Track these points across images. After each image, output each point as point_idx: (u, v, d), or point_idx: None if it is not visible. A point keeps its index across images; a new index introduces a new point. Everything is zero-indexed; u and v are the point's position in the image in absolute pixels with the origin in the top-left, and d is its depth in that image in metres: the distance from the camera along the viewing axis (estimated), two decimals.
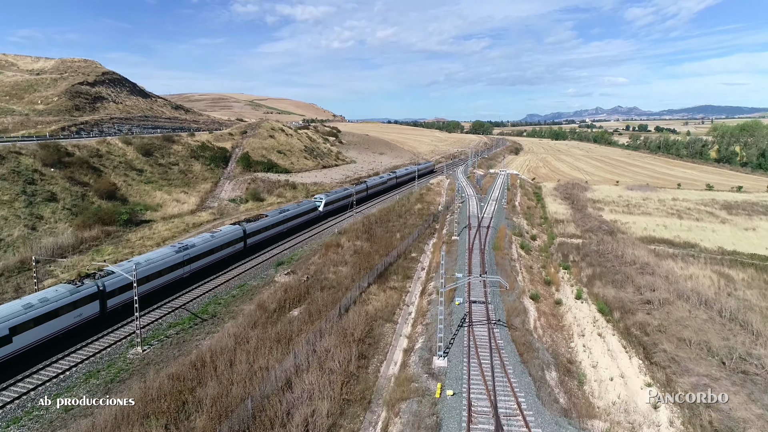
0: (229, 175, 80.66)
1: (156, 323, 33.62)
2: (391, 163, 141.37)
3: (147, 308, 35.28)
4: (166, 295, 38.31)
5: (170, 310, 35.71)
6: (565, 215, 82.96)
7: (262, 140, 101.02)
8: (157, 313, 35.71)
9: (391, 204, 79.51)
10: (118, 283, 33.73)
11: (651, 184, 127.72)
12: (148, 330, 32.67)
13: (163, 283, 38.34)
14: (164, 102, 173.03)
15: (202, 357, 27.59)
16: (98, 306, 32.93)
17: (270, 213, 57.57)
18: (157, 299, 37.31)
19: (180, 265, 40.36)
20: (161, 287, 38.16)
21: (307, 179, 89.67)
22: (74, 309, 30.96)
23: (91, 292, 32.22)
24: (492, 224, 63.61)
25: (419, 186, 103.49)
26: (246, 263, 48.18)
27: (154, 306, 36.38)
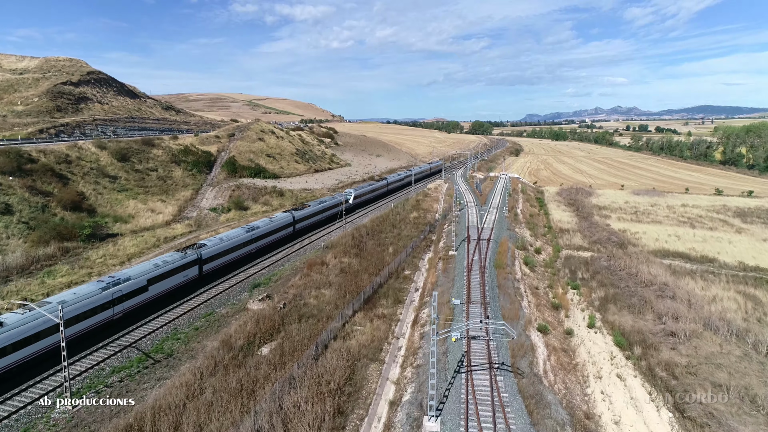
0: (213, 181, 75.61)
1: (98, 367, 28.53)
2: (386, 167, 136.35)
3: (231, 272, 45.98)
4: (240, 266, 48.12)
5: (118, 349, 30.60)
6: (571, 224, 78.04)
7: (251, 143, 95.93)
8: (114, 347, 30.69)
9: (385, 212, 74.55)
10: (210, 253, 44.15)
11: (657, 189, 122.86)
12: (86, 378, 27.60)
13: (238, 256, 48.25)
14: (154, 102, 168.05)
15: (141, 417, 22.59)
16: (197, 270, 42.81)
17: (311, 203, 66.85)
18: (233, 269, 47.18)
19: (250, 242, 50.22)
20: (237, 259, 48.06)
21: (296, 185, 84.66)
22: (183, 270, 40.79)
23: (193, 258, 41.95)
24: (493, 236, 58.66)
25: (416, 191, 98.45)
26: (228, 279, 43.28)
27: (233, 273, 46.02)
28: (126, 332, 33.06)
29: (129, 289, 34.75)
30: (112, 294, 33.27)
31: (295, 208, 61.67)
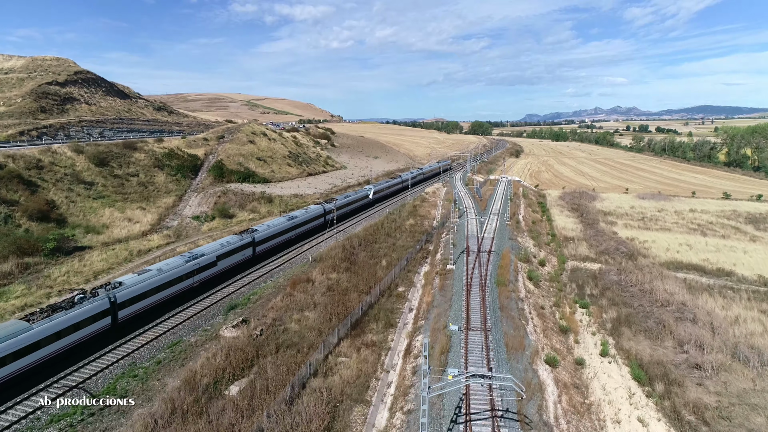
0: (198, 186, 71.61)
1: (35, 416, 24.46)
2: (383, 169, 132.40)
3: (276, 255, 52.92)
4: (281, 250, 54.55)
5: (65, 389, 26.59)
6: (575, 231, 74.14)
7: (240, 146, 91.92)
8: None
9: (380, 220, 70.58)
10: (261, 237, 50.28)
11: (663, 192, 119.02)
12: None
13: (281, 241, 54.93)
14: (145, 103, 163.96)
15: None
16: (251, 251, 49.01)
17: (338, 198, 74.33)
18: (277, 251, 53.71)
19: (290, 230, 56.68)
20: (280, 244, 54.61)
21: (287, 190, 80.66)
22: (242, 250, 47.03)
23: (248, 240, 48.22)
24: (494, 247, 54.71)
25: (413, 196, 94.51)
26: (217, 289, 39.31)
27: (279, 254, 53.21)
28: (74, 370, 29.00)
29: (205, 262, 41.82)
30: (192, 266, 40.35)
31: (326, 201, 71.06)
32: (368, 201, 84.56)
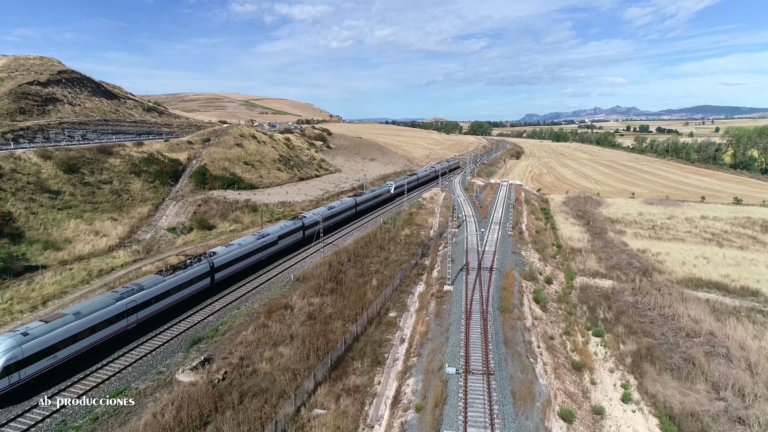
0: (177, 194, 66.63)
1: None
2: (380, 173, 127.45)
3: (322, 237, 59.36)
4: (328, 232, 63.00)
5: None
6: (582, 242, 69.29)
7: (226, 149, 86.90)
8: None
9: (373, 230, 65.64)
10: (310, 221, 59.15)
11: (671, 197, 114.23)
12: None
13: (323, 227, 59.55)
14: (135, 103, 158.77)
15: None
16: (301, 234, 57.88)
17: (366, 191, 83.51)
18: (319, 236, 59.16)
19: (330, 218, 64.79)
20: (329, 226, 63.58)
21: (274, 197, 75.70)
22: (295, 233, 56.03)
23: (299, 225, 57.20)
24: (496, 263, 49.81)
25: (409, 203, 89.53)
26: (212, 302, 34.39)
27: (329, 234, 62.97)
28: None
29: (270, 240, 51.28)
30: (261, 243, 49.53)
31: (356, 195, 78.62)
32: (390, 195, 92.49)
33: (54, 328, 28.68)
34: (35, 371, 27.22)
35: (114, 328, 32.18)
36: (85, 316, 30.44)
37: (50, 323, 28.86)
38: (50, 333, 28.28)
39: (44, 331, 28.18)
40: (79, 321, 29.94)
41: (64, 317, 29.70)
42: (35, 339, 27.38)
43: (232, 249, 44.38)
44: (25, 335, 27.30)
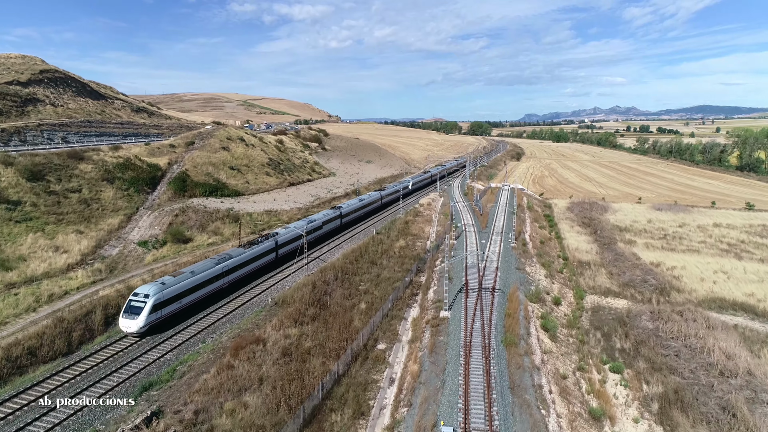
0: (153, 203, 61.62)
1: None
2: (375, 176, 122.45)
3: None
4: (360, 220, 74.61)
5: None
6: (590, 253, 64.48)
7: (211, 153, 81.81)
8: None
9: (365, 242, 60.75)
10: (346, 210, 70.46)
11: (679, 202, 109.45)
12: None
13: (357, 216, 73.65)
14: (123, 104, 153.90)
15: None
16: (339, 221, 67.99)
17: (387, 187, 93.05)
18: (357, 223, 73.41)
19: (361, 208, 75.21)
20: (359, 216, 74.06)
21: (260, 205, 70.66)
22: (334, 220, 65.89)
23: (337, 213, 67.48)
24: (498, 283, 44.93)
25: (405, 209, 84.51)
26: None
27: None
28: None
29: (316, 225, 58.73)
30: (310, 227, 55.89)
31: (380, 189, 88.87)
32: (408, 191, 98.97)
33: (180, 281, 37.50)
34: (169, 312, 36.19)
35: (214, 286, 41.61)
36: (198, 274, 39.69)
37: (177, 277, 37.74)
38: (177, 285, 37.11)
39: (174, 283, 37.11)
40: (195, 277, 38.98)
41: (184, 274, 38.69)
42: (169, 288, 36.41)
43: (289, 231, 54.34)
44: (163, 284, 36.41)
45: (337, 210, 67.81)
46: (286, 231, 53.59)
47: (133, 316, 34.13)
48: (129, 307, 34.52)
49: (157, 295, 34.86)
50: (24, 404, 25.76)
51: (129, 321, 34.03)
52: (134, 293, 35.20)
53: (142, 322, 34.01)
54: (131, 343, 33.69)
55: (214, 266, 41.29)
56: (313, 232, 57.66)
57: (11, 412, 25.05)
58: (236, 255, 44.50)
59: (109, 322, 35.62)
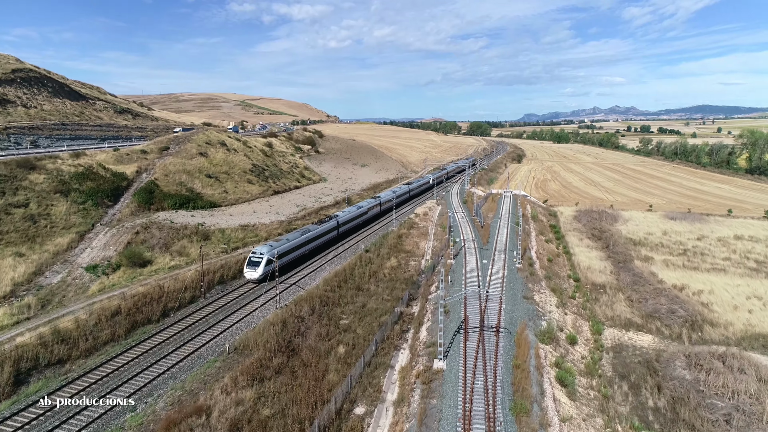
0: (113, 218, 54.67)
1: None
2: (369, 182, 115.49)
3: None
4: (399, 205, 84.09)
5: None
6: (605, 273, 57.67)
7: (186, 160, 74.75)
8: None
9: (352, 262, 53.89)
10: (384, 200, 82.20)
11: (693, 209, 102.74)
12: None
13: (401, 202, 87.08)
14: (105, 105, 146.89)
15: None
16: (379, 208, 79.92)
17: (414, 181, 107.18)
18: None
19: (399, 197, 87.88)
20: (401, 202, 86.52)
21: (237, 218, 63.62)
22: (373, 210, 77.26)
23: (377, 202, 79.67)
24: (503, 319, 38.14)
25: (399, 220, 77.51)
26: None
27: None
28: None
29: (384, 200, 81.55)
30: (377, 202, 79.02)
31: (408, 183, 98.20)
32: (430, 185, 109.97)
33: (280, 245, 49.68)
34: (274, 266, 44.45)
35: (300, 251, 54.09)
36: (291, 241, 51.90)
37: (279, 241, 51.00)
38: (279, 247, 48.54)
39: (277, 246, 48.99)
40: (288, 243, 51.22)
41: (281, 240, 51.68)
42: (274, 249, 47.49)
43: (349, 212, 68.48)
44: (271, 246, 48.43)
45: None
46: (345, 213, 68.44)
47: (254, 267, 45.77)
48: (250, 262, 46.42)
49: (268, 253, 46.39)
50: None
51: (251, 271, 45.75)
52: (253, 252, 47.45)
53: (260, 272, 45.64)
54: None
55: (300, 236, 54.59)
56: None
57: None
58: (313, 229, 58.21)
59: (21, 381, 28.64)
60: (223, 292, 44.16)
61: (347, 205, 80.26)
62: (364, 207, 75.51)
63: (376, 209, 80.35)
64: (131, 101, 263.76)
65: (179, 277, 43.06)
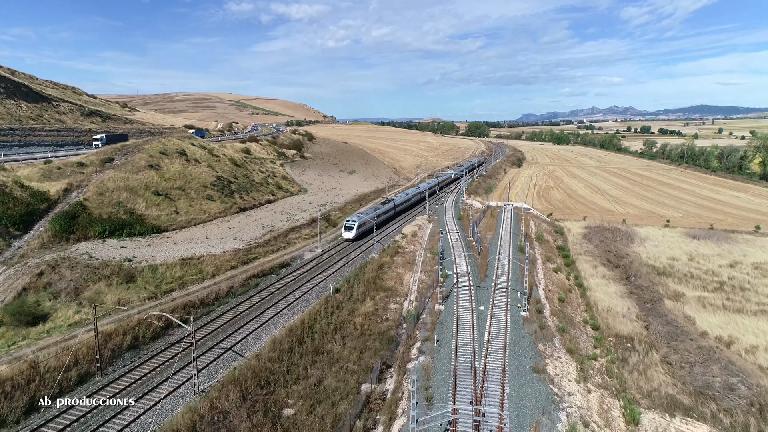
0: (16, 253, 43.54)
1: None
2: (355, 192, 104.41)
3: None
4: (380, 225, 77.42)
5: None
6: (629, 318, 46.88)
7: (132, 174, 63.40)
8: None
9: (314, 309, 42.86)
10: (426, 189, 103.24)
11: (710, 221, 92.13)
12: None
13: (433, 191, 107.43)
14: (71, 107, 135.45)
15: None
16: (422, 196, 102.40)
17: (450, 171, 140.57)
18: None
19: (435, 186, 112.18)
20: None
21: (181, 247, 51.89)
22: (414, 199, 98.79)
23: (418, 191, 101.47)
24: (507, 415, 27.19)
25: (380, 246, 66.39)
26: None
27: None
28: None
29: (425, 187, 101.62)
30: (421, 190, 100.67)
31: (436, 177, 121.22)
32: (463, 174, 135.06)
33: (362, 217, 70.55)
34: (362, 231, 69.15)
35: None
36: (368, 214, 71.32)
37: (361, 214, 73.00)
38: (362, 218, 70.09)
39: (361, 217, 70.40)
40: (367, 216, 70.56)
41: (362, 212, 75.29)
42: (360, 219, 69.69)
43: (403, 195, 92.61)
44: (359, 216, 70.90)
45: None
46: (400, 197, 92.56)
47: (350, 231, 67.81)
48: (346, 227, 68.62)
49: (358, 221, 68.96)
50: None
51: (348, 233, 67.72)
52: (347, 220, 70.45)
53: (354, 234, 67.50)
54: None
55: (373, 212, 73.49)
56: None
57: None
58: (381, 208, 79.93)
59: None
60: (132, 362, 33.05)
61: (320, 225, 69.25)
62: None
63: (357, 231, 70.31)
64: (113, 102, 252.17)
65: (71, 345, 31.90)
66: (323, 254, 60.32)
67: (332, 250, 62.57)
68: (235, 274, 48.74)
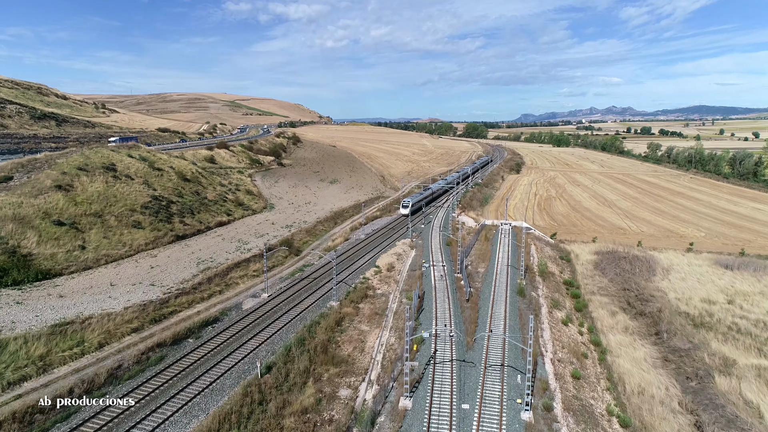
0: None
1: None
2: (331, 208, 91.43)
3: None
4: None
5: None
6: (670, 408, 34.27)
7: (29, 198, 49.97)
8: None
9: (226, 410, 29.82)
10: (454, 180, 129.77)
11: (743, 245, 79.50)
12: None
13: (450, 186, 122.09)
14: (20, 109, 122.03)
15: None
16: (460, 183, 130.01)
17: (468, 167, 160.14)
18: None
19: (453, 181, 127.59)
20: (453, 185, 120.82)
21: (69, 302, 38.64)
22: (448, 187, 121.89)
23: (445, 184, 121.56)
24: None
25: (347, 285, 53.29)
26: None
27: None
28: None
29: (450, 179, 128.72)
30: (447, 183, 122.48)
31: (459, 171, 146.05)
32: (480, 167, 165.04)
33: (413, 198, 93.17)
34: (413, 210, 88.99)
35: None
36: (418, 196, 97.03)
37: (412, 198, 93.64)
38: (413, 200, 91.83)
39: (413, 199, 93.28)
40: (416, 198, 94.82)
41: (417, 194, 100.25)
42: (412, 200, 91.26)
43: (434, 187, 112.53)
44: (413, 198, 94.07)
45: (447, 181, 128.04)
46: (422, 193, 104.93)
47: (405, 208, 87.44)
48: (402, 206, 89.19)
49: (411, 201, 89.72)
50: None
51: (404, 209, 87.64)
52: (404, 200, 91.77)
53: (409, 211, 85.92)
54: None
55: (421, 195, 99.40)
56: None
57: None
58: (426, 191, 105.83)
59: None
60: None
61: (264, 260, 49.58)
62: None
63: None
64: (89, 102, 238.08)
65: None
66: (269, 301, 46.81)
67: (283, 294, 49.07)
68: (134, 341, 35.57)
